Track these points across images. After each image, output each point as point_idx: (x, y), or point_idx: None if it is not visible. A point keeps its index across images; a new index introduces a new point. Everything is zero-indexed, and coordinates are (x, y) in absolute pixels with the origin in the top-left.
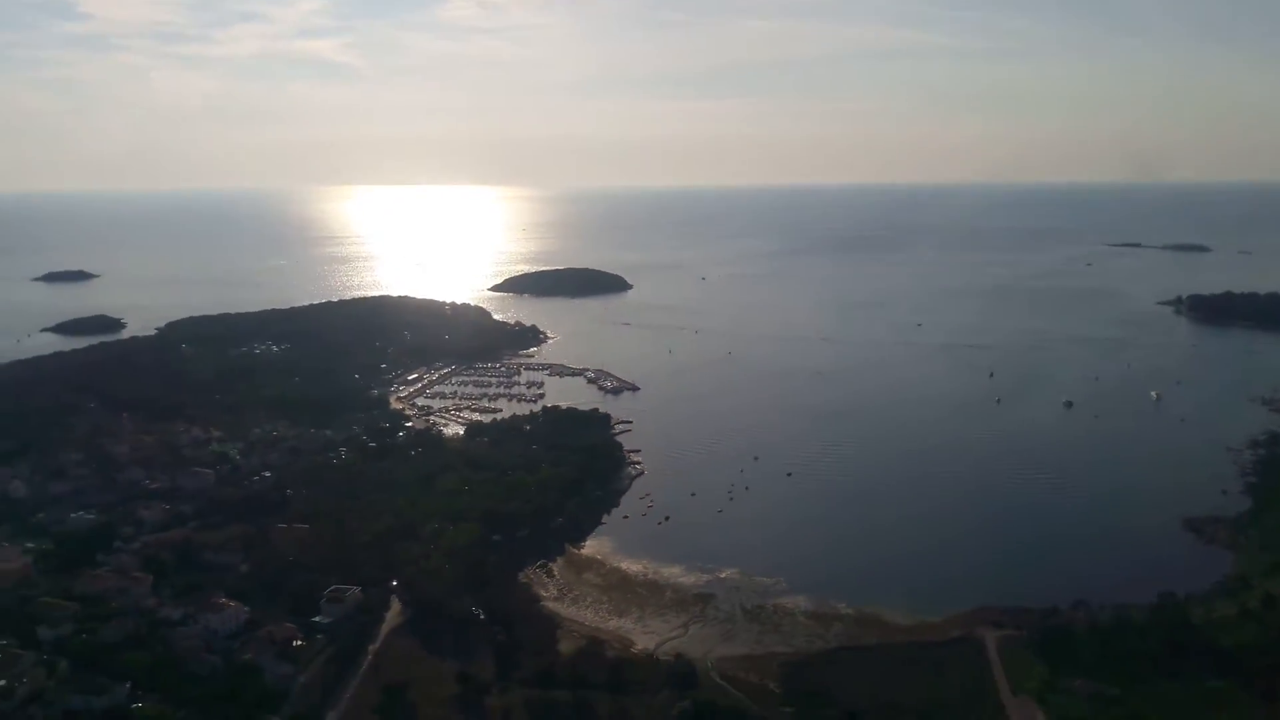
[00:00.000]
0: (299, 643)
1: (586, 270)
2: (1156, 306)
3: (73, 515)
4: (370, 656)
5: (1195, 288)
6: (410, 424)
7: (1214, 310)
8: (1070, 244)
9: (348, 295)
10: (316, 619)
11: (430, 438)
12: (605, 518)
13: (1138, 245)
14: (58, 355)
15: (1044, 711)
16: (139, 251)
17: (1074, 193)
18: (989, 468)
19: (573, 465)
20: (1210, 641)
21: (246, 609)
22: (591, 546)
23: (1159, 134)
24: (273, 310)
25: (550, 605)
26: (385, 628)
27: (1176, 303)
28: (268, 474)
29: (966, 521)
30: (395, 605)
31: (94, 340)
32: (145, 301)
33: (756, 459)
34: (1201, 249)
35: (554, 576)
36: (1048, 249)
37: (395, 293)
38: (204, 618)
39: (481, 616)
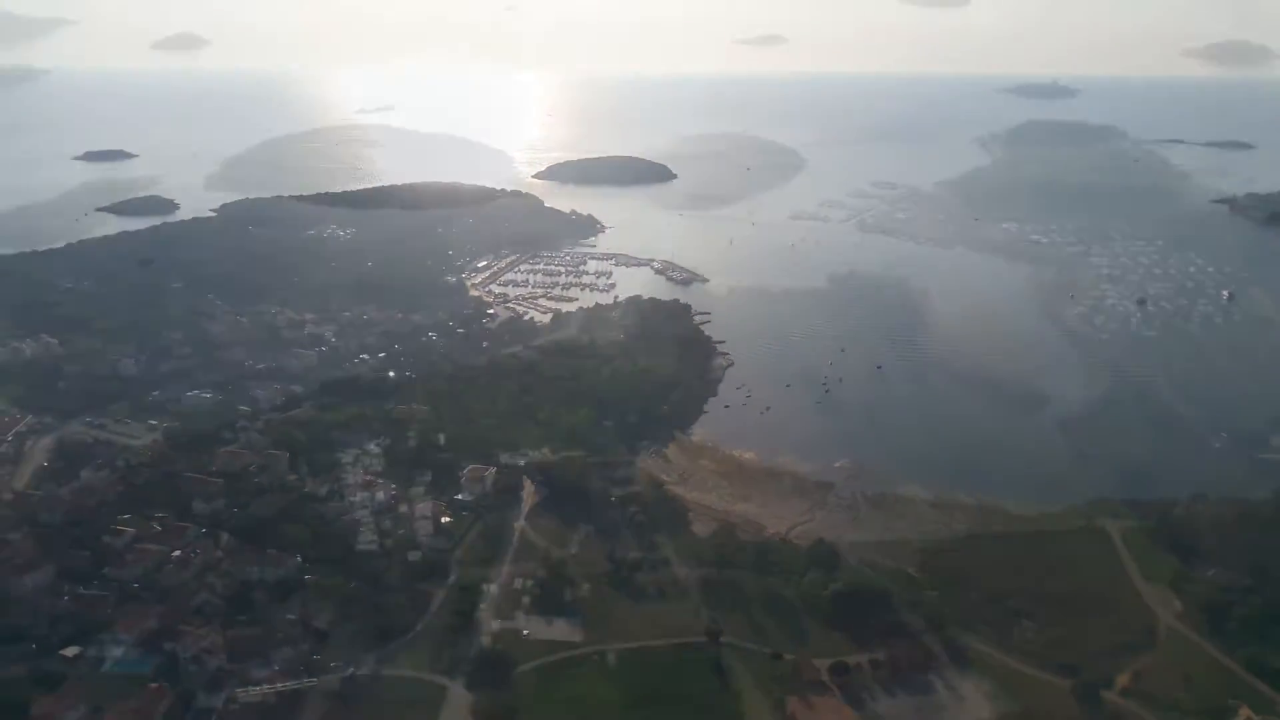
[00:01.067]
0: (448, 519)
1: (629, 159)
2: (1210, 205)
3: (188, 394)
4: (517, 533)
5: (1246, 187)
6: (492, 310)
7: (1271, 209)
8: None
9: (397, 181)
10: (459, 496)
11: (522, 325)
12: (706, 407)
13: (1180, 141)
14: (125, 235)
15: (1180, 600)
16: (172, 131)
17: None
18: (1073, 361)
19: (670, 355)
20: None
21: (393, 486)
22: (700, 434)
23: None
24: (327, 194)
25: (674, 489)
26: (525, 506)
27: (1230, 201)
28: (365, 356)
29: (1062, 415)
30: (527, 484)
31: (153, 221)
32: (192, 181)
33: (844, 351)
34: (1245, 146)
35: (670, 461)
36: (1090, 144)
37: (439, 178)
38: (351, 494)
39: (613, 498)
